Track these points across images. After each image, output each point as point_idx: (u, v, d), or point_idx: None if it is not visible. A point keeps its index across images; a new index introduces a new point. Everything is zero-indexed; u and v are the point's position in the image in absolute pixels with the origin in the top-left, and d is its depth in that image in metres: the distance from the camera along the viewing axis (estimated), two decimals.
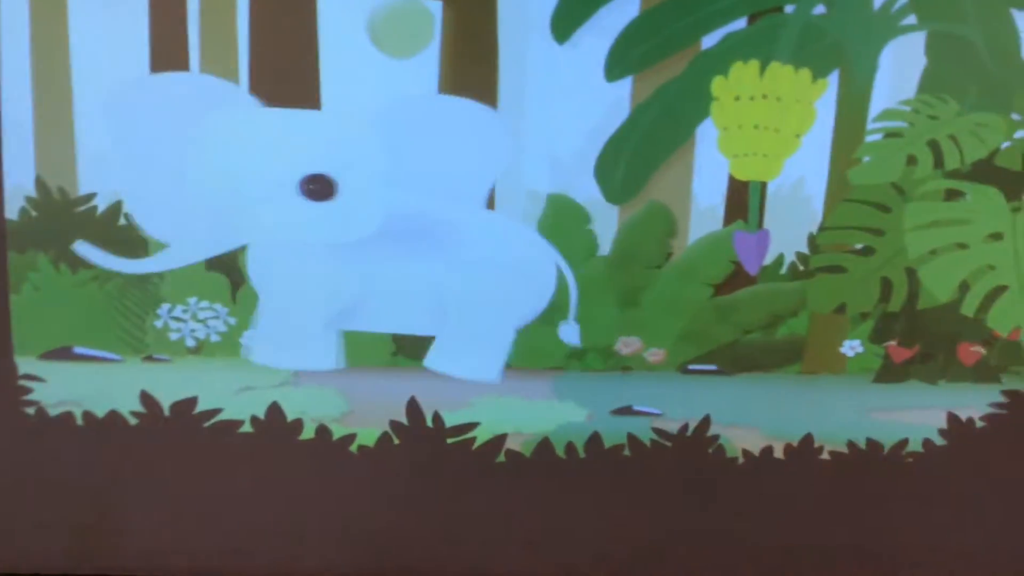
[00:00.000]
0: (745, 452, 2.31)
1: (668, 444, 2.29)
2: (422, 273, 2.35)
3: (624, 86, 2.16)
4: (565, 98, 2.17)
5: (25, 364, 2.26)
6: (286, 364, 2.37)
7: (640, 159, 2.20)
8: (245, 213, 2.33)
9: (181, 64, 2.21)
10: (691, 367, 2.28)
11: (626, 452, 2.30)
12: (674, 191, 2.21)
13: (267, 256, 2.35)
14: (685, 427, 2.29)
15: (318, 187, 2.24)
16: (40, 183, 2.20)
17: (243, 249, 2.29)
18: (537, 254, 2.28)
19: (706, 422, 2.29)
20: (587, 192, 2.21)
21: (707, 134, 2.16)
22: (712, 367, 2.28)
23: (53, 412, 2.27)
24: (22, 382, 2.25)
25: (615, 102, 2.17)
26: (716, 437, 2.30)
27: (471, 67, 2.17)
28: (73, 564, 2.37)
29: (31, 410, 2.26)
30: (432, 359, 2.35)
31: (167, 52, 2.22)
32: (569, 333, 2.25)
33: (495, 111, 2.24)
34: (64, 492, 2.32)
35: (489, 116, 2.26)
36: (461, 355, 2.34)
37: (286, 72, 2.16)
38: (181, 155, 2.26)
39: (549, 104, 2.18)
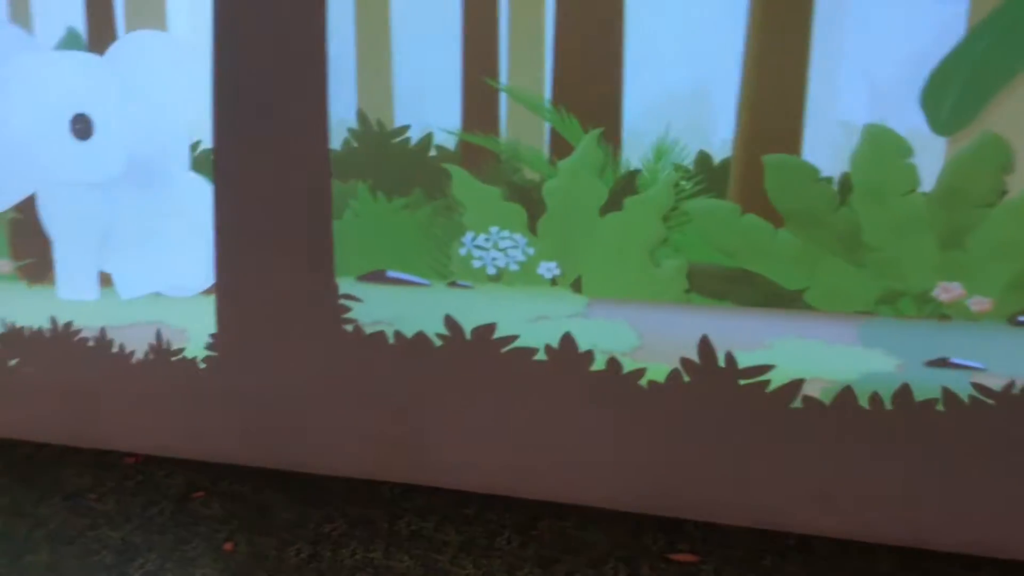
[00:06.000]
0: None
1: (990, 402, 2.08)
2: (150, 218, 2.61)
3: (960, 2, 1.95)
4: (889, 18, 1.99)
5: (345, 284, 2.46)
6: (83, 295, 2.72)
7: (975, 85, 1.97)
8: (28, 157, 2.59)
9: None
10: (1022, 319, 2.05)
11: (940, 408, 2.12)
12: (1014, 121, 1.96)
13: (52, 201, 2.67)
14: (1011, 384, 2.07)
15: (82, 127, 2.39)
16: (362, 116, 2.37)
17: (535, 181, 2.31)
18: None
19: None
20: (910, 122, 2.02)
21: None
22: None
23: (368, 330, 2.46)
24: (342, 301, 2.46)
25: (948, 21, 1.95)
26: None
27: None
28: (379, 472, 2.58)
29: (350, 327, 2.47)
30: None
31: None
32: None
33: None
34: (375, 405, 2.51)
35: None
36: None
37: None
38: None
39: (870, 25, 2.00)
